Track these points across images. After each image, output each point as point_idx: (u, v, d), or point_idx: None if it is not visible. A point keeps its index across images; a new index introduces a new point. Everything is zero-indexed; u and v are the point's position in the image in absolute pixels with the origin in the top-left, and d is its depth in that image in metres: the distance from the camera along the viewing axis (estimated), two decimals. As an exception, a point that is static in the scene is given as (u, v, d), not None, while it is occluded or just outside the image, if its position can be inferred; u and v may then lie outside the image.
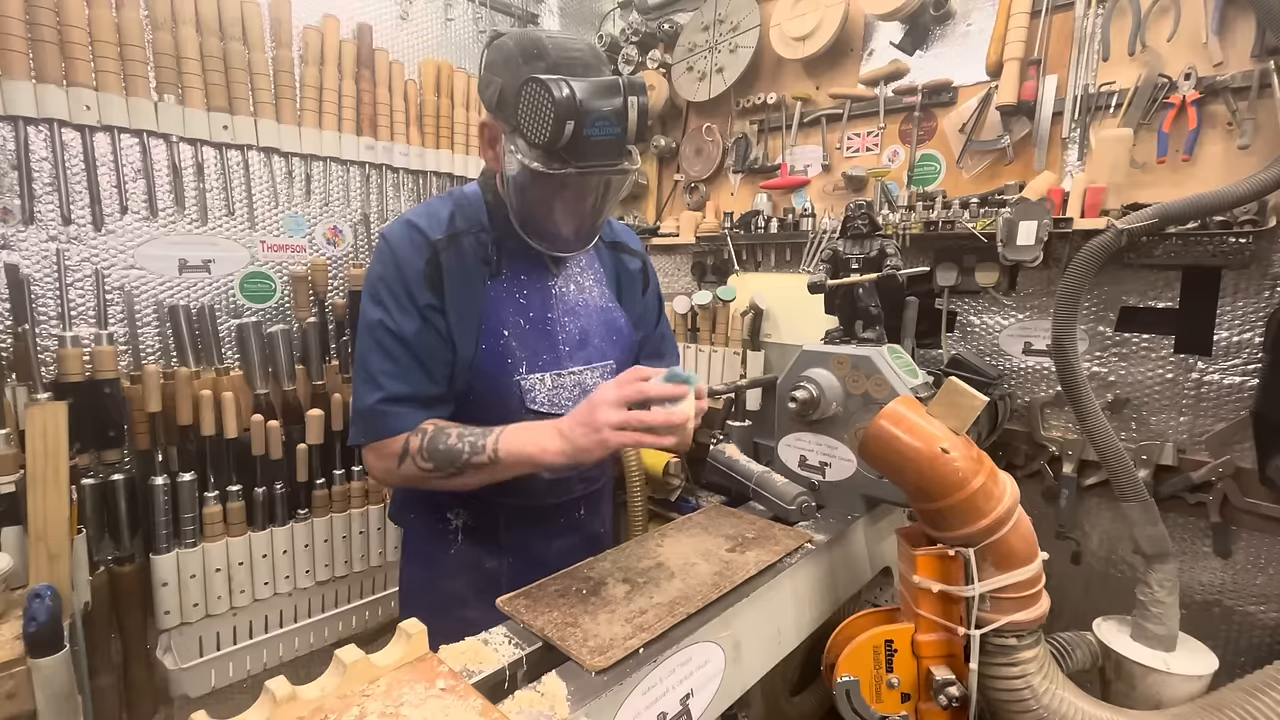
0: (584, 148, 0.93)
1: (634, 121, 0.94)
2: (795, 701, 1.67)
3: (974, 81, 1.81)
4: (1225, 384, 1.51)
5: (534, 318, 1.14)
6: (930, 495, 0.98)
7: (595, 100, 0.91)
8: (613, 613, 0.93)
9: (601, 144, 0.93)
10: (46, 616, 1.09)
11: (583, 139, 0.92)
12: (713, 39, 2.28)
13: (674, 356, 1.46)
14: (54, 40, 1.53)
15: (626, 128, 0.94)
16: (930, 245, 1.88)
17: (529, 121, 0.92)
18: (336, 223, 2.08)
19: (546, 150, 0.93)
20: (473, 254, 1.10)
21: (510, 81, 0.96)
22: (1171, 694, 1.18)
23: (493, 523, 1.23)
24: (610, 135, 0.93)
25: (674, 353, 1.47)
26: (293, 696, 0.66)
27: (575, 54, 0.96)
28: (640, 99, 0.94)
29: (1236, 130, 1.43)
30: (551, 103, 0.88)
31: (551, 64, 0.94)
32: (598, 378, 1.22)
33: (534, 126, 0.92)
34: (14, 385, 1.50)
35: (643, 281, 1.36)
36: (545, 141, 0.91)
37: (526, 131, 0.93)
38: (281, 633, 1.90)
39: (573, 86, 0.89)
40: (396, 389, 1.05)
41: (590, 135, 0.92)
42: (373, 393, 1.05)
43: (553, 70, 0.93)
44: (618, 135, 0.94)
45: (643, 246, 1.40)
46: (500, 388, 1.12)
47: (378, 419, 1.05)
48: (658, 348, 1.42)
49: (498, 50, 1.01)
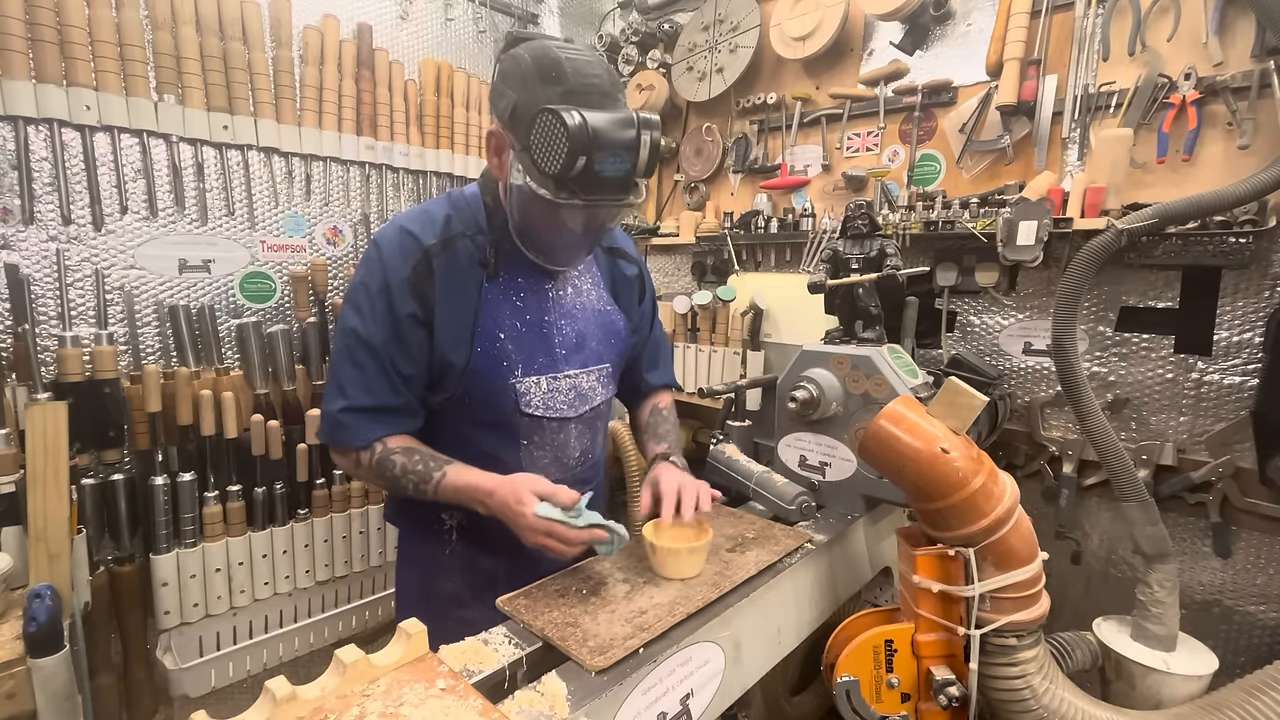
0: (593, 182, 0.93)
1: (644, 159, 0.95)
2: (795, 701, 1.67)
3: (974, 81, 1.81)
4: (1225, 384, 1.51)
5: (530, 320, 1.14)
6: (930, 495, 0.98)
7: (609, 136, 0.91)
8: (613, 613, 0.93)
9: (611, 179, 0.94)
10: (46, 616, 1.09)
11: (593, 173, 0.92)
12: (713, 39, 2.28)
13: (668, 362, 1.47)
14: (54, 40, 1.53)
15: (636, 164, 0.95)
16: (930, 245, 1.88)
17: (541, 149, 0.92)
18: (336, 223, 2.08)
19: (555, 180, 0.93)
20: (468, 257, 1.10)
21: (525, 100, 0.95)
22: (1171, 694, 1.18)
23: (486, 524, 1.23)
24: (620, 171, 0.94)
25: (668, 358, 1.48)
26: (293, 696, 0.66)
27: (593, 80, 0.95)
28: (653, 135, 0.94)
29: (1236, 130, 1.43)
30: (566, 136, 0.88)
31: (569, 89, 0.93)
32: (594, 380, 1.23)
33: (546, 155, 0.92)
34: (14, 385, 1.50)
35: (639, 289, 1.37)
36: (556, 172, 0.92)
37: (538, 157, 0.93)
38: (281, 633, 1.90)
39: (588, 121, 0.89)
40: (360, 400, 1.07)
41: (600, 170, 0.92)
42: (337, 400, 1.08)
43: (569, 96, 0.93)
44: (627, 171, 0.95)
45: (640, 254, 1.41)
46: (495, 390, 1.11)
47: (337, 429, 1.09)
48: (654, 355, 1.43)
49: (514, 63, 0.99)
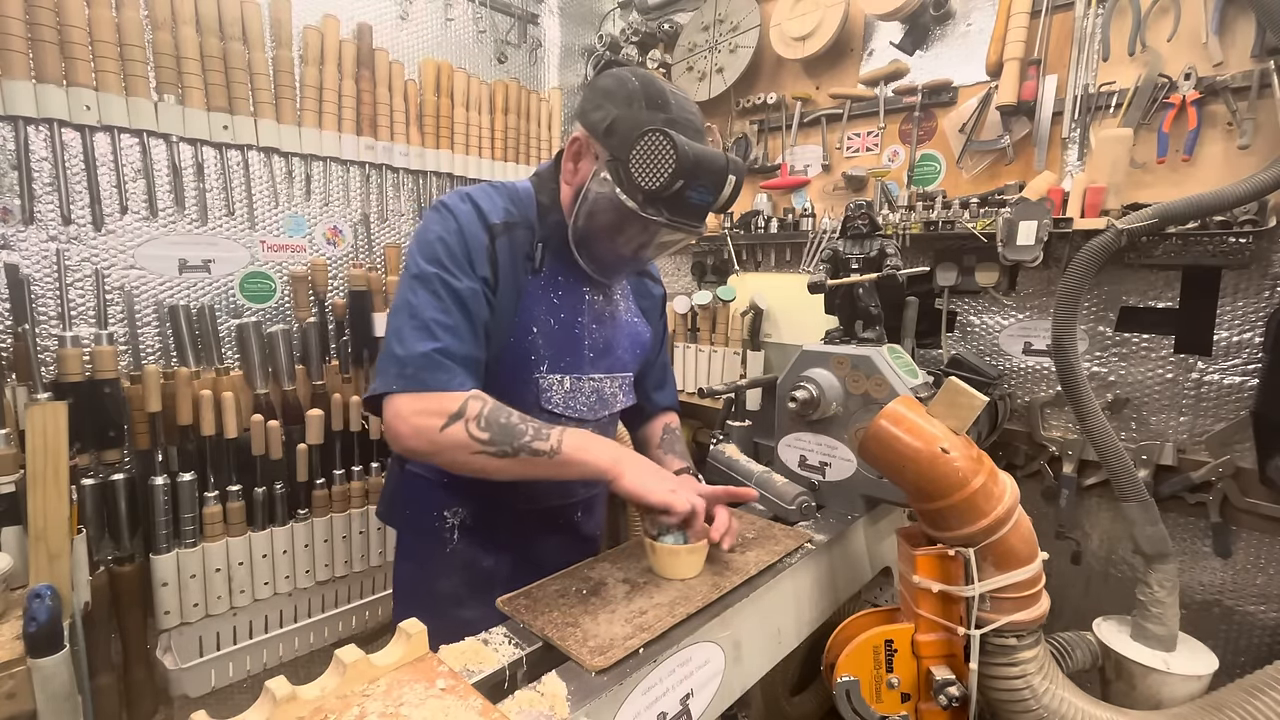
0: (681, 206, 0.99)
1: (726, 196, 1.02)
2: (795, 701, 1.67)
3: (974, 81, 1.81)
4: (1225, 384, 1.51)
5: (564, 320, 1.15)
6: (930, 495, 0.98)
7: (707, 167, 0.97)
8: (613, 613, 0.93)
9: (696, 207, 1.01)
10: (46, 616, 1.09)
11: (684, 198, 0.98)
12: (713, 39, 2.28)
13: (673, 385, 1.48)
14: (54, 40, 1.53)
15: (719, 198, 1.02)
16: (930, 245, 1.88)
17: (642, 165, 0.96)
18: (336, 223, 2.08)
19: (646, 195, 0.97)
20: (519, 247, 1.11)
21: (627, 116, 0.99)
22: (1171, 694, 1.18)
23: (492, 522, 1.23)
24: (704, 201, 1.01)
25: (673, 381, 1.49)
26: (293, 696, 0.66)
27: (691, 116, 1.02)
28: (739, 178, 1.02)
29: (1236, 130, 1.43)
30: (674, 159, 0.93)
31: (671, 118, 0.99)
32: (615, 387, 1.24)
33: (646, 171, 0.96)
34: (14, 385, 1.50)
35: (660, 309, 1.40)
36: (654, 189, 0.96)
37: (636, 173, 0.97)
38: (281, 633, 1.90)
39: (694, 150, 0.94)
40: (452, 344, 0.99)
41: (690, 198, 0.98)
42: (425, 340, 0.97)
43: (671, 124, 0.98)
44: (710, 203, 1.02)
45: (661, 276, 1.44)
46: (519, 382, 1.12)
47: (432, 368, 0.96)
48: (662, 376, 1.45)
49: (617, 80, 1.03)
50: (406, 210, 2.24)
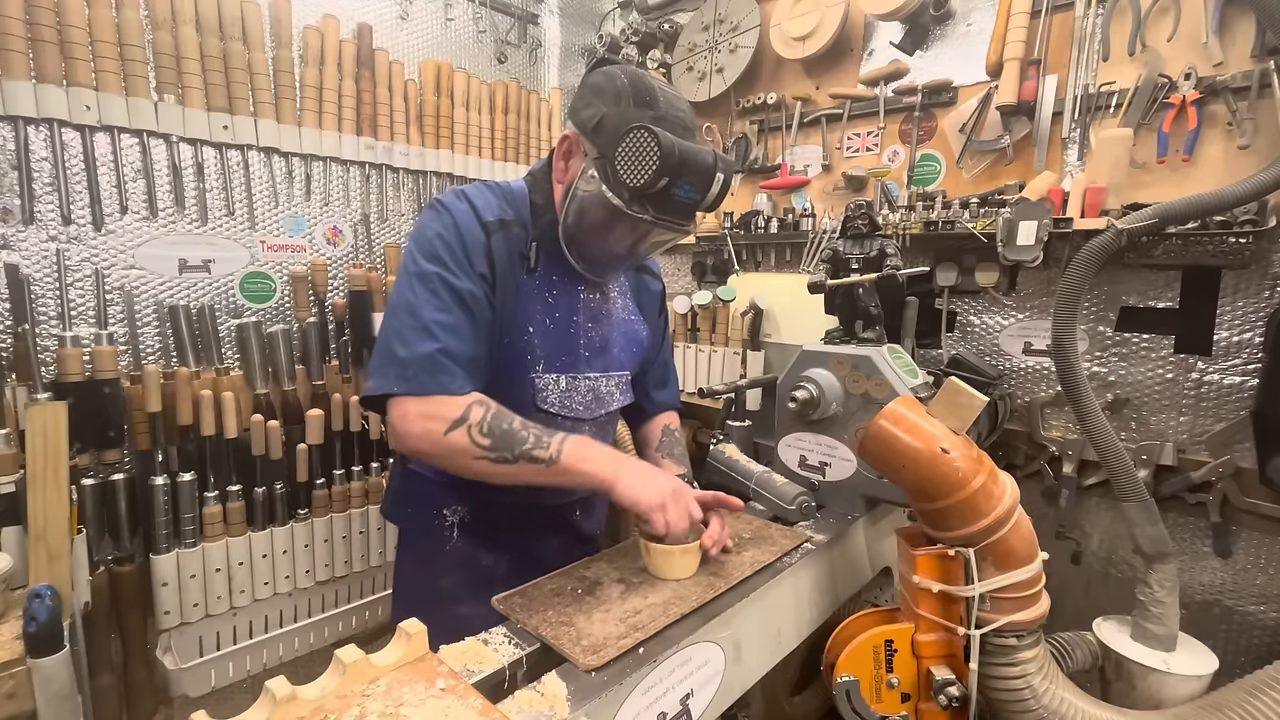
0: (667, 204, 0.98)
1: (714, 194, 1.01)
2: (795, 701, 1.67)
3: (974, 81, 1.81)
4: (1225, 384, 1.51)
5: (560, 319, 1.15)
6: (930, 495, 0.98)
7: (693, 165, 0.96)
8: (607, 612, 0.93)
9: (682, 205, 1.00)
10: (46, 616, 1.09)
11: (669, 195, 0.97)
12: (713, 39, 2.28)
13: (675, 384, 1.48)
14: (54, 40, 1.53)
15: (706, 196, 1.01)
16: (930, 245, 1.88)
17: (628, 162, 0.96)
18: (336, 223, 2.08)
19: (632, 192, 0.97)
20: (513, 247, 1.11)
21: (615, 114, 0.99)
22: (1171, 694, 1.18)
23: (492, 520, 1.23)
24: (691, 199, 0.99)
25: (675, 379, 1.49)
26: (293, 696, 0.66)
27: (680, 114, 1.01)
28: (727, 176, 1.00)
29: (1236, 130, 1.43)
30: (658, 155, 0.93)
31: (659, 115, 0.98)
32: (612, 386, 1.24)
33: (632, 168, 0.95)
34: (14, 385, 1.50)
35: (659, 305, 1.39)
36: (639, 186, 0.95)
37: (622, 170, 0.96)
38: (281, 633, 1.90)
39: (679, 147, 0.93)
40: (453, 344, 0.99)
41: (676, 195, 0.97)
42: (427, 341, 0.97)
43: (659, 121, 0.97)
44: (697, 201, 1.00)
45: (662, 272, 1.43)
46: (514, 383, 1.12)
47: (434, 370, 0.96)
48: (663, 374, 1.44)
49: (607, 78, 1.03)
50: (406, 210, 2.24)
